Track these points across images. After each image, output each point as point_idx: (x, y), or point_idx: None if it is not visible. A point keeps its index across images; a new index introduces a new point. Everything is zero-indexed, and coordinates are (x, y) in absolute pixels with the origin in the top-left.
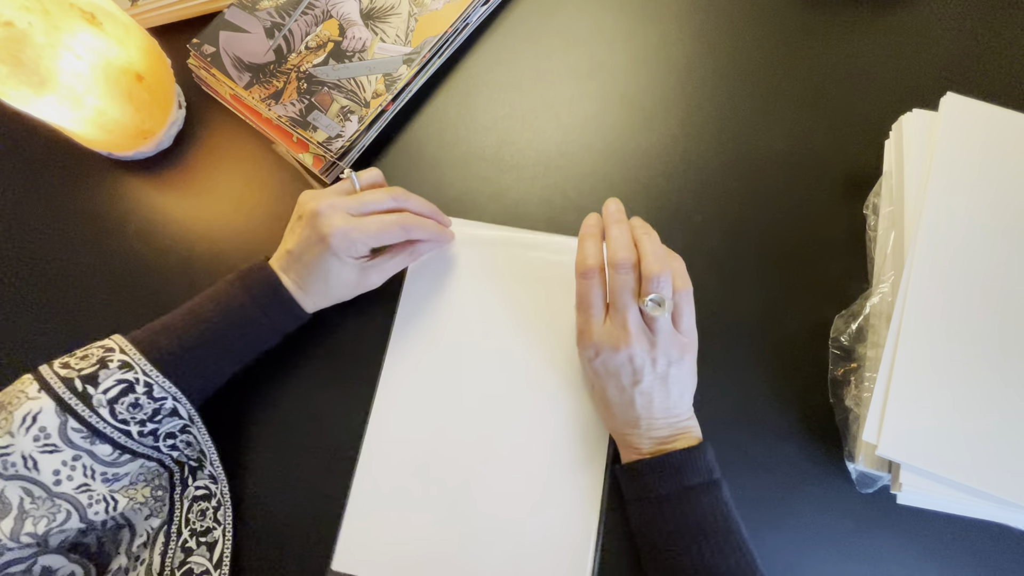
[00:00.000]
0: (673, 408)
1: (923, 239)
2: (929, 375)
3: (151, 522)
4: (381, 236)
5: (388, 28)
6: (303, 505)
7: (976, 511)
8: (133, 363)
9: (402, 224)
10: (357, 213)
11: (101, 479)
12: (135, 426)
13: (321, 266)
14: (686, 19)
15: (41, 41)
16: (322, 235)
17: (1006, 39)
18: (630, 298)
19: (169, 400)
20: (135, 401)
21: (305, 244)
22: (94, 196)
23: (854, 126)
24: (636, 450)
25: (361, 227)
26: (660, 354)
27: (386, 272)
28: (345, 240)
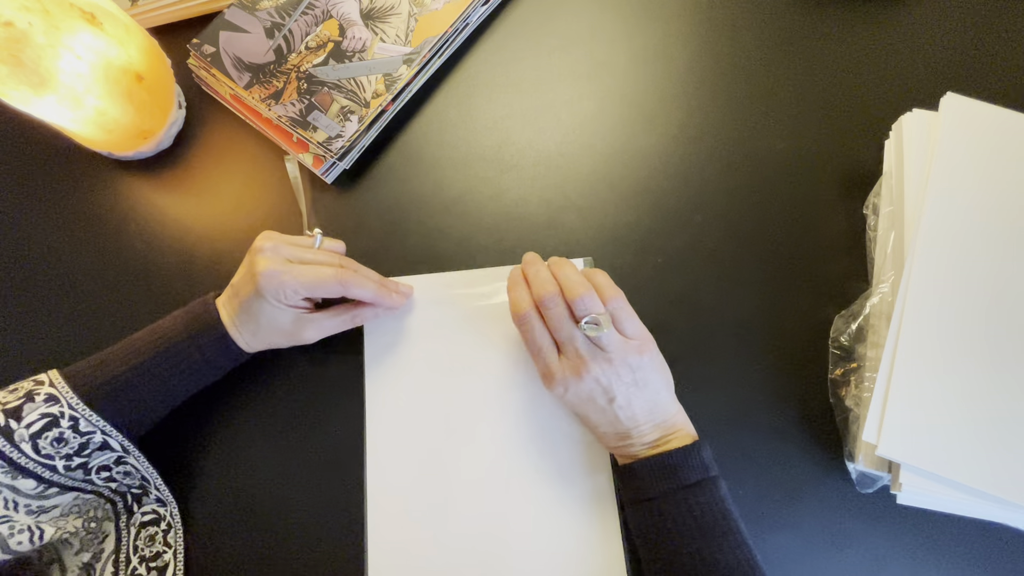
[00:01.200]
0: (656, 408)
1: (923, 239)
2: (929, 375)
3: (81, 557)
4: (314, 286)
5: (388, 28)
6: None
7: (976, 511)
8: (60, 396)
9: (338, 279)
10: (296, 260)
11: (25, 511)
12: (61, 460)
13: (252, 305)
14: (686, 19)
15: (41, 41)
16: (254, 273)
17: (1006, 39)
18: (570, 327)
19: (98, 434)
20: (60, 436)
21: (241, 281)
22: (94, 196)
23: (854, 126)
24: (635, 457)
25: (294, 272)
26: (621, 365)
27: (324, 330)
28: (274, 281)
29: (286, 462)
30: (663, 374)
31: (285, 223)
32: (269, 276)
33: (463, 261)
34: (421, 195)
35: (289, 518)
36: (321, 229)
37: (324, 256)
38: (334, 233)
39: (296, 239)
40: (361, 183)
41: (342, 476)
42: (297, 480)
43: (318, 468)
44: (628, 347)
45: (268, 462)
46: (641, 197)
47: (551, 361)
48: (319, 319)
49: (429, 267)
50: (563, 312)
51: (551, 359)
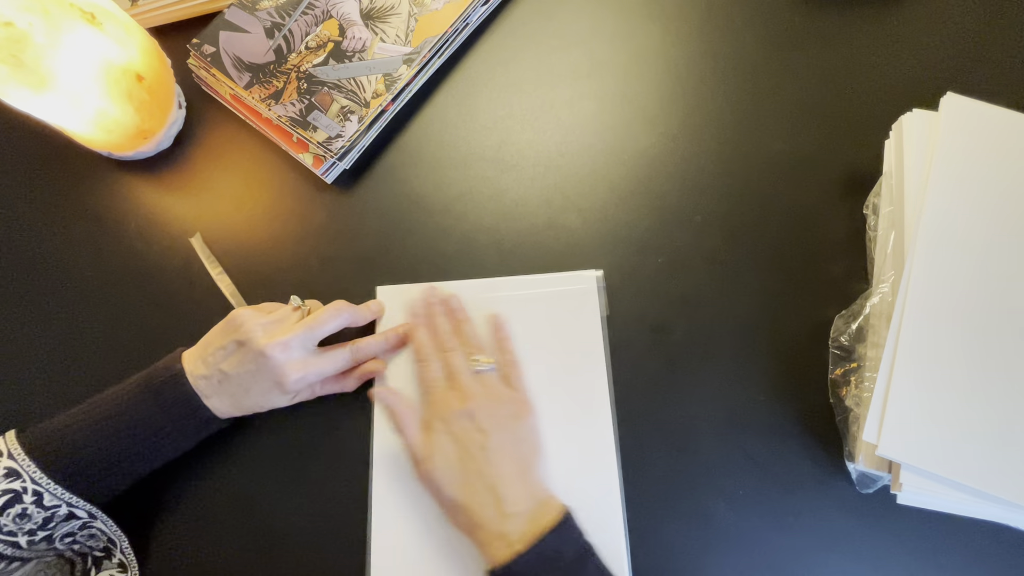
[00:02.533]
0: (527, 472)
1: (923, 239)
2: (929, 375)
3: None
4: (334, 372)
5: (388, 28)
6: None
7: (976, 511)
8: (21, 470)
9: (354, 357)
10: (312, 348)
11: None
12: (24, 536)
13: (257, 393)
14: (686, 19)
15: (41, 41)
16: (279, 380)
17: (1006, 39)
18: (462, 361)
19: (63, 507)
20: (23, 512)
21: (250, 380)
22: (94, 196)
23: (854, 126)
24: (503, 538)
25: (318, 367)
26: (501, 405)
27: (315, 393)
28: (302, 383)
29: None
30: (539, 443)
31: (285, 223)
32: (297, 381)
33: (463, 261)
34: (421, 195)
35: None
36: (297, 297)
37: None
38: (334, 233)
39: (280, 315)
40: (361, 183)
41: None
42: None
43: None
44: (511, 394)
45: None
46: (641, 197)
47: (440, 393)
48: (318, 389)
49: (429, 267)
50: (460, 352)
51: (440, 391)
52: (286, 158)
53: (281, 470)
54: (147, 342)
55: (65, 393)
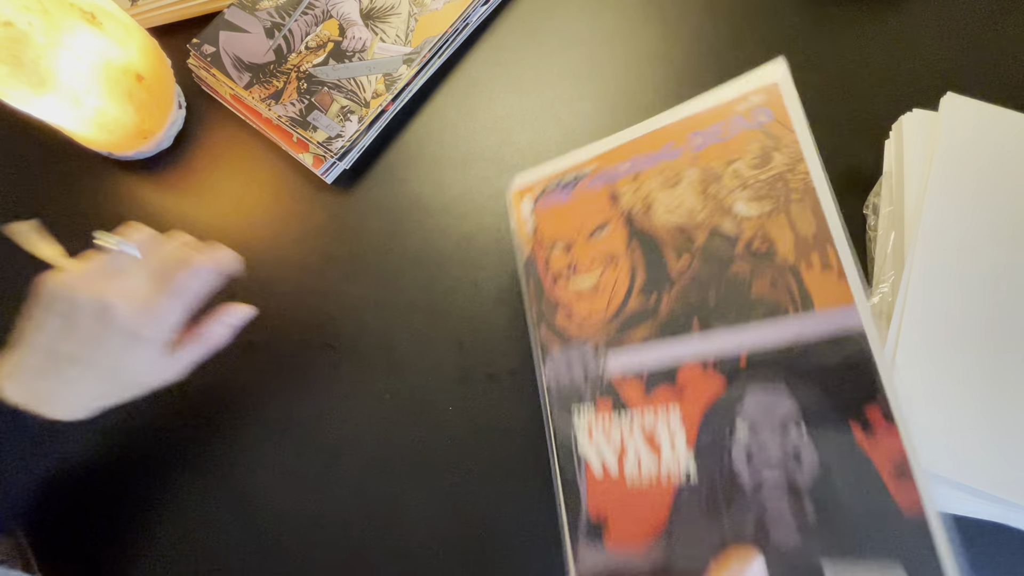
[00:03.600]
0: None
1: (923, 239)
2: (929, 375)
3: None
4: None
5: (388, 28)
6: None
7: (976, 511)
8: None
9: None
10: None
11: None
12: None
13: (107, 358)
14: (686, 19)
15: (41, 41)
16: (122, 325)
17: (1006, 39)
18: None
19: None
20: None
21: (75, 340)
22: (94, 196)
23: (854, 126)
24: None
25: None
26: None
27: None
28: (159, 324)
29: None
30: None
31: (285, 223)
32: (151, 322)
33: (463, 261)
34: (421, 195)
35: None
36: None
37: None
38: (334, 233)
39: (102, 265)
40: (361, 183)
41: None
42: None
43: None
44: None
45: None
46: None
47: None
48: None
49: (429, 267)
50: None
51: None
52: (286, 158)
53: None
54: None
55: None
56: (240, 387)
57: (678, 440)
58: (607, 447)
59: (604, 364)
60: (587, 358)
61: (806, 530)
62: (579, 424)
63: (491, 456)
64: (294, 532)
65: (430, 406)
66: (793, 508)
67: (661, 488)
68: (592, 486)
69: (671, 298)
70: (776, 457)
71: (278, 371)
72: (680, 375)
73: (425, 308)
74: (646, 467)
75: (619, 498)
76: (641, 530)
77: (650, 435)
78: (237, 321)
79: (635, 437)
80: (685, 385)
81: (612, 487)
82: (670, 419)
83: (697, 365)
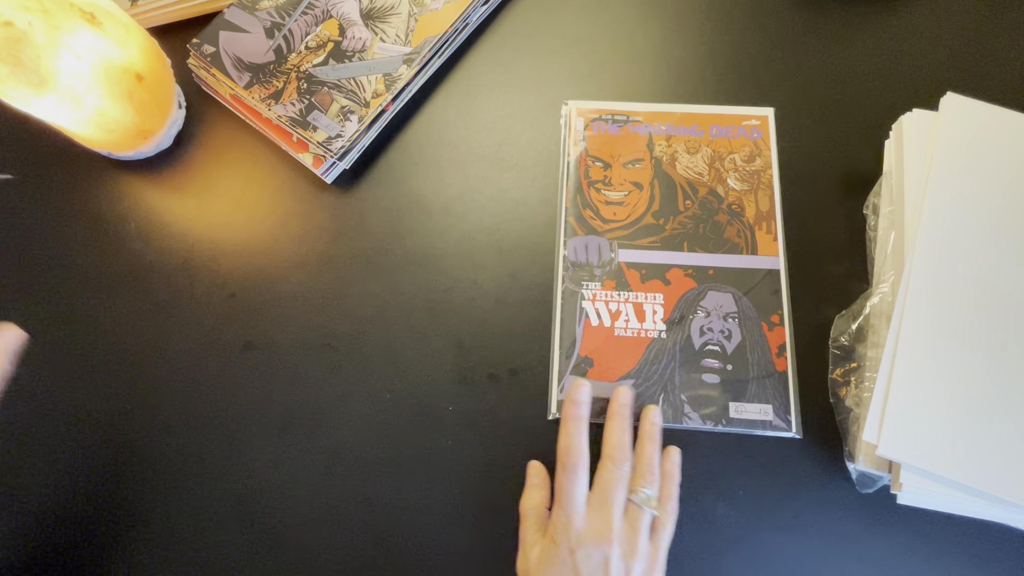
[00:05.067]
0: None
1: (923, 239)
2: (929, 375)
3: None
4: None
5: (388, 28)
6: None
7: (976, 511)
8: None
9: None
10: None
11: None
12: None
13: None
14: (686, 19)
15: (41, 41)
16: None
17: (1006, 39)
18: (622, 488)
19: None
20: None
21: None
22: (94, 196)
23: (854, 126)
24: None
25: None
26: (637, 560)
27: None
28: None
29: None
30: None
31: (285, 223)
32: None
33: (463, 261)
34: (421, 195)
35: None
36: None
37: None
38: (334, 233)
39: None
40: (361, 183)
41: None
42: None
43: None
44: (652, 553)
45: None
46: None
47: (578, 516)
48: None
49: (429, 267)
50: (627, 477)
51: (579, 514)
52: (286, 158)
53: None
54: (147, 342)
55: (64, 394)
56: (240, 387)
57: (658, 314)
58: (605, 309)
59: (616, 255)
60: (603, 248)
61: (724, 380)
62: (587, 291)
63: (491, 456)
64: (294, 532)
65: (430, 406)
66: (720, 365)
67: (639, 340)
68: (588, 332)
69: (673, 224)
70: (717, 333)
71: (278, 371)
72: (668, 274)
73: (425, 308)
74: (632, 325)
75: (607, 342)
76: (618, 366)
77: (639, 307)
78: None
79: (628, 306)
80: (671, 281)
81: (604, 334)
82: (655, 300)
83: (680, 270)
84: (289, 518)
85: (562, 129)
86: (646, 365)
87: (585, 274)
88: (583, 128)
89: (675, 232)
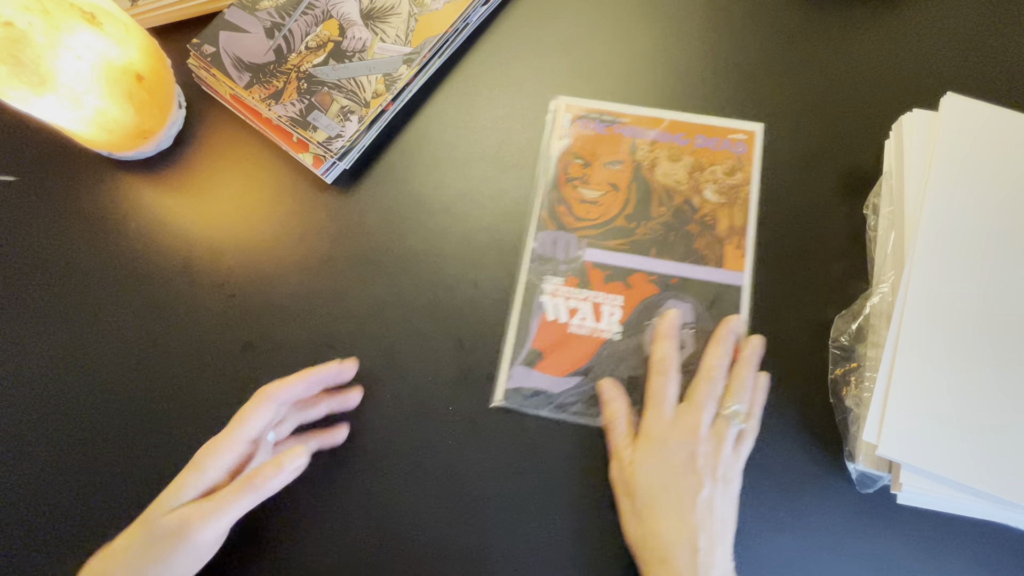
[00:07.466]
0: (724, 538)
1: (923, 239)
2: (929, 375)
3: None
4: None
5: (388, 28)
6: None
7: (976, 511)
8: None
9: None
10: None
11: None
12: None
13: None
14: (686, 19)
15: (41, 41)
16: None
17: (1006, 39)
18: (712, 402)
19: None
20: None
21: None
22: (94, 196)
23: (854, 126)
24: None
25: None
26: (721, 463)
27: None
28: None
29: None
30: (735, 517)
31: (285, 223)
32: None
33: (463, 261)
34: (421, 195)
35: None
36: None
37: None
38: (334, 233)
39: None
40: (361, 183)
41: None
42: None
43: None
44: (734, 458)
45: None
46: None
47: (667, 417)
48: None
49: (429, 267)
50: (719, 389)
51: (667, 415)
52: (286, 158)
53: None
54: (147, 343)
55: (63, 394)
56: (240, 387)
57: (615, 316)
58: (564, 305)
59: (583, 253)
60: (571, 244)
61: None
62: (547, 286)
63: (491, 456)
64: (293, 533)
65: (430, 406)
66: None
67: (593, 339)
68: (543, 327)
69: (644, 229)
70: (679, 314)
71: (278, 371)
72: (631, 278)
73: (425, 308)
74: (588, 324)
75: (560, 338)
76: (568, 363)
77: (598, 307)
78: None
79: (587, 305)
80: (633, 285)
81: (558, 329)
82: (615, 302)
83: (644, 275)
84: (288, 518)
85: (547, 124)
86: (597, 364)
87: (549, 268)
88: (569, 124)
89: (645, 237)
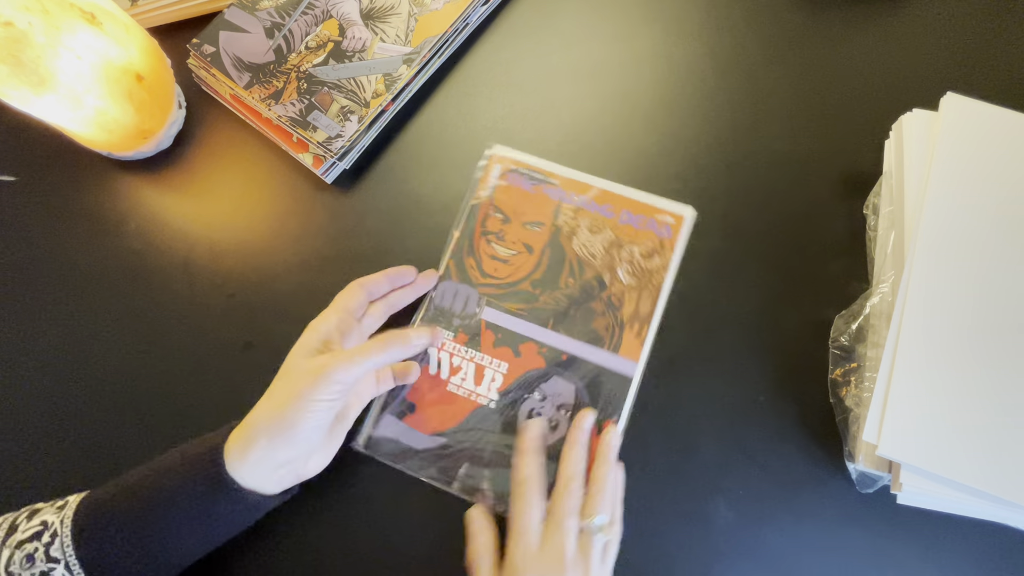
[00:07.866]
0: None
1: (923, 239)
2: (929, 375)
3: None
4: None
5: (388, 28)
6: None
7: (976, 511)
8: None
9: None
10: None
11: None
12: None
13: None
14: (686, 19)
15: (41, 41)
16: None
17: (1006, 39)
18: (574, 516)
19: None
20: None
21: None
22: (94, 196)
23: (854, 126)
24: None
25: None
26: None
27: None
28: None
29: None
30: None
31: (285, 223)
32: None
33: None
34: (421, 195)
35: None
36: None
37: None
38: (334, 233)
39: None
40: (361, 183)
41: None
42: None
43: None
44: (606, 573)
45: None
46: None
47: (533, 546)
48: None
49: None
50: (579, 503)
51: (533, 543)
52: (286, 158)
53: None
54: (147, 343)
55: (63, 394)
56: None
57: (496, 382)
58: (448, 361)
59: (481, 311)
60: (471, 300)
61: None
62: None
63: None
64: (294, 533)
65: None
66: None
67: (468, 402)
68: (423, 379)
69: (547, 298)
70: (546, 420)
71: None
72: (522, 346)
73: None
74: (467, 385)
75: (437, 395)
76: (438, 421)
77: (480, 369)
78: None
79: (471, 365)
80: (521, 353)
81: (436, 384)
82: (499, 367)
83: (535, 345)
84: (289, 518)
85: (477, 171)
86: (463, 430)
87: (444, 321)
88: (498, 176)
89: (546, 307)
